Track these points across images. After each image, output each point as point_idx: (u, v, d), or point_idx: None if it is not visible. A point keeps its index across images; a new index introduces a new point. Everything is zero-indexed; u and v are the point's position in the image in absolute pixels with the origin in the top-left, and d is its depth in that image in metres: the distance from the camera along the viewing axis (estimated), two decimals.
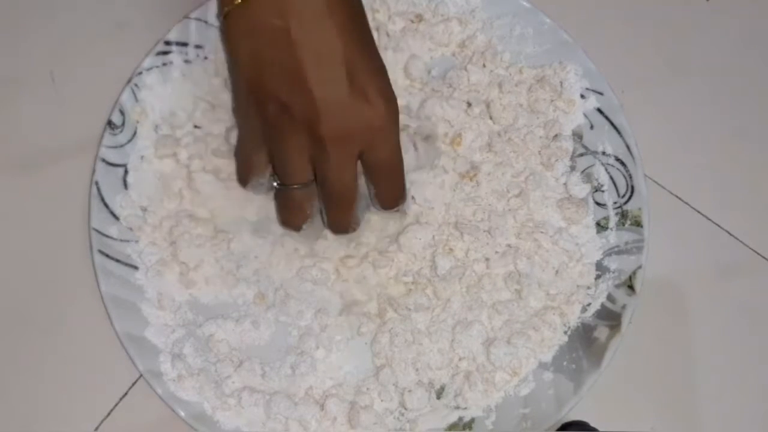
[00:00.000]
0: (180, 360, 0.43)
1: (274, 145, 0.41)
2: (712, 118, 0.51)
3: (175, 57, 0.47)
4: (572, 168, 0.48)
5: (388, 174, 0.42)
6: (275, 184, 0.43)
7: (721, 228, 0.48)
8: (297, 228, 0.44)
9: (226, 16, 0.39)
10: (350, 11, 0.39)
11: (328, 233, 0.45)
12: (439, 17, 0.49)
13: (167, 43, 0.47)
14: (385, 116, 0.39)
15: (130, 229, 0.45)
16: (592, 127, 0.48)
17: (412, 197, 0.46)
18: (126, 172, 0.46)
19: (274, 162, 0.42)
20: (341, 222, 0.43)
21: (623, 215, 0.46)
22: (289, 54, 0.38)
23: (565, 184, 0.47)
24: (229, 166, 0.46)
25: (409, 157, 0.46)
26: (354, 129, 0.39)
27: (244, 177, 0.44)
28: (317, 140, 0.39)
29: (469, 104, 0.48)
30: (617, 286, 0.45)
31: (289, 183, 0.42)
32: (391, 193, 0.43)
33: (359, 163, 0.41)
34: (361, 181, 0.42)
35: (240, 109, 0.43)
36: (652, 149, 0.48)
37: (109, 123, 0.46)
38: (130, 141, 0.46)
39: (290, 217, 0.44)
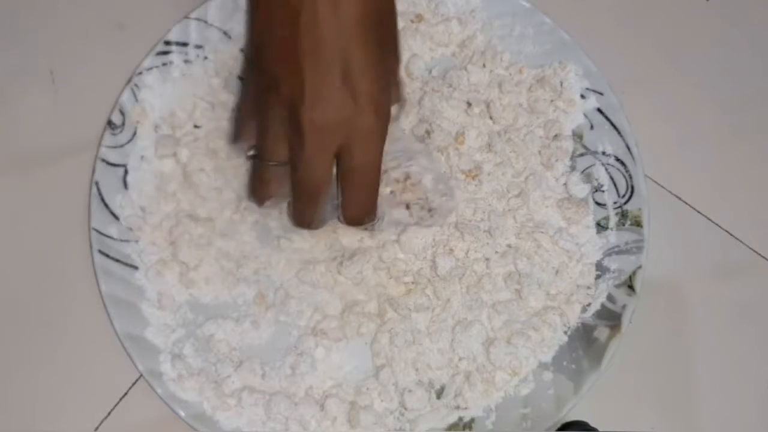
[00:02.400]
0: (180, 360, 0.43)
1: (260, 118, 0.41)
2: (712, 118, 0.51)
3: (175, 57, 0.47)
4: (572, 168, 0.48)
5: (360, 182, 0.41)
6: (251, 153, 0.42)
7: (721, 228, 0.48)
8: (259, 203, 0.44)
9: None
10: (371, 7, 0.38)
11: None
12: (439, 17, 0.49)
13: (167, 43, 0.47)
14: (371, 122, 0.38)
15: (130, 229, 0.45)
16: (592, 127, 0.48)
17: (380, 220, 0.45)
18: (126, 172, 0.46)
19: (257, 134, 0.41)
20: (302, 216, 0.43)
21: (623, 215, 0.46)
22: (292, 33, 0.37)
23: (565, 184, 0.47)
24: (228, 165, 0.46)
25: (400, 213, 0.45)
26: (334, 122, 0.38)
27: (233, 138, 0.44)
28: (296, 124, 0.38)
29: (469, 104, 0.48)
30: (617, 286, 0.45)
31: (263, 158, 0.41)
32: (359, 205, 0.42)
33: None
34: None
35: (245, 72, 0.44)
36: (652, 149, 0.48)
37: (109, 123, 0.46)
38: (130, 141, 0.46)
39: (255, 190, 0.44)
